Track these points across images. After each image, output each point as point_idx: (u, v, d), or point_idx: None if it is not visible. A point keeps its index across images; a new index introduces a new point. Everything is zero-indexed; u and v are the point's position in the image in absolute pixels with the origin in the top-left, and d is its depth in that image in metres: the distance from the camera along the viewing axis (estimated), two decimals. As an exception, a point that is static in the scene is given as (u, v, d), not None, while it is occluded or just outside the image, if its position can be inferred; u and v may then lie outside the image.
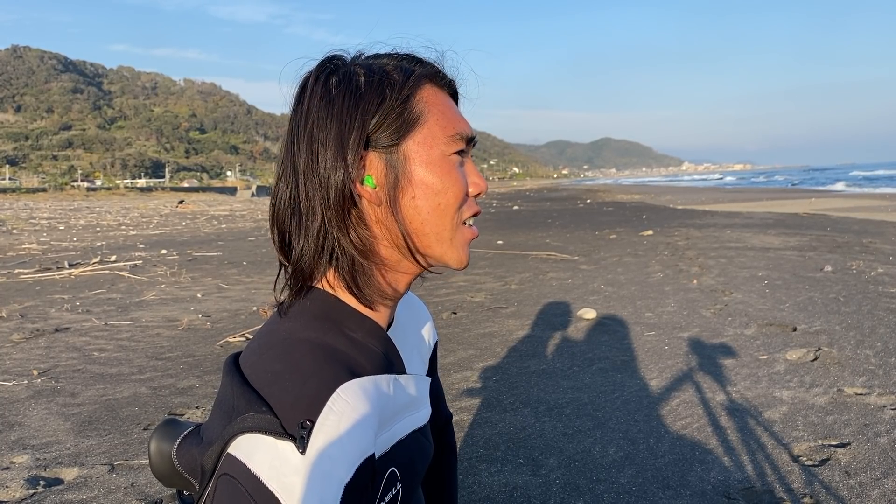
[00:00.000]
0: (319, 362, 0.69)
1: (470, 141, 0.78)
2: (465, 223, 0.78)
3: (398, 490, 0.75)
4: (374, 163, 0.73)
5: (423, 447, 0.85)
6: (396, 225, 0.73)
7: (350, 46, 0.79)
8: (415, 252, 0.75)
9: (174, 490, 0.90)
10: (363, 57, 0.77)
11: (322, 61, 0.76)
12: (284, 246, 0.78)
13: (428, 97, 0.75)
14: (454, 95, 0.81)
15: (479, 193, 0.79)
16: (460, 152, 0.76)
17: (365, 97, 0.72)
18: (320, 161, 0.72)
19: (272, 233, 0.78)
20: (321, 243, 0.74)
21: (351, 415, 0.65)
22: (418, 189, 0.73)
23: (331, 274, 0.77)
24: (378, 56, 0.77)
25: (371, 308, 0.78)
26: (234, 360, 0.75)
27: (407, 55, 0.77)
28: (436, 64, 0.78)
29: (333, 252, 0.74)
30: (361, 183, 0.73)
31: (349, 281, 0.75)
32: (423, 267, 0.78)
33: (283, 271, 0.80)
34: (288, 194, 0.75)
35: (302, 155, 0.73)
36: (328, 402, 0.64)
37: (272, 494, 0.61)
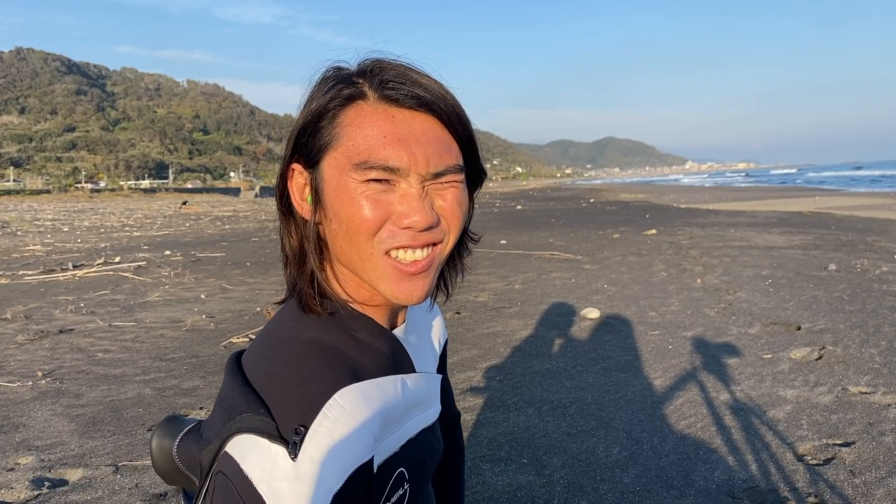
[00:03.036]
0: (320, 364, 0.68)
1: (396, 171, 0.68)
2: (394, 255, 0.71)
3: (406, 490, 0.75)
4: (307, 179, 0.74)
5: (433, 445, 0.85)
6: (309, 244, 0.76)
7: (359, 48, 0.76)
8: (338, 271, 0.77)
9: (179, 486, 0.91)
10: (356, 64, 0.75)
11: (328, 67, 0.75)
12: None
13: (354, 117, 0.69)
14: (437, 113, 0.71)
15: (410, 227, 0.69)
16: (382, 180, 0.68)
17: (312, 109, 0.71)
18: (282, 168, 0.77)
19: None
20: (282, 242, 0.80)
21: (347, 421, 0.65)
22: (330, 212, 0.71)
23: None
24: (357, 65, 0.73)
25: (321, 311, 0.77)
26: (237, 358, 0.76)
27: (370, 66, 0.72)
28: (390, 75, 0.70)
29: (285, 255, 0.79)
30: (302, 198, 0.75)
31: (293, 286, 0.78)
32: (342, 288, 0.77)
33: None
34: None
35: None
36: (323, 408, 0.64)
37: (261, 497, 0.61)
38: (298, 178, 0.75)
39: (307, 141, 0.71)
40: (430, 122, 0.71)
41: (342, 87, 0.70)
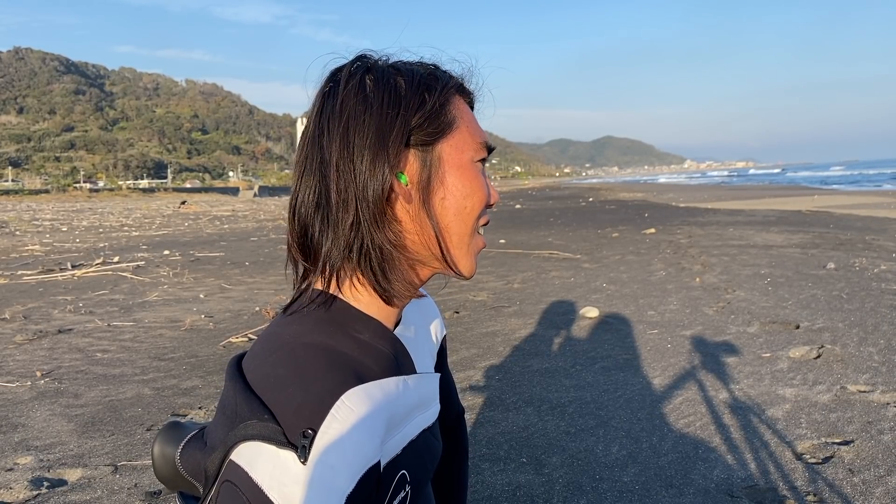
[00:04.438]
0: (324, 367, 0.68)
1: (490, 151, 0.80)
2: (479, 232, 0.80)
3: (407, 492, 0.75)
4: (410, 160, 0.73)
5: (432, 446, 0.84)
6: (430, 223, 0.74)
7: (360, 47, 0.79)
8: (444, 250, 0.76)
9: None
10: (392, 61, 0.78)
11: (354, 59, 0.76)
12: (304, 241, 0.76)
13: (458, 104, 0.78)
14: (471, 108, 0.84)
15: (494, 204, 0.80)
16: (482, 161, 0.79)
17: (406, 97, 0.73)
18: (356, 156, 0.70)
19: (291, 227, 0.76)
20: (352, 238, 0.72)
21: (355, 423, 0.64)
22: (448, 190, 0.74)
23: (342, 275, 0.75)
24: (408, 63, 0.78)
25: (390, 304, 0.77)
26: (238, 362, 0.75)
27: (435, 65, 0.79)
28: (463, 77, 0.81)
29: (363, 247, 0.72)
30: (397, 179, 0.73)
31: (379, 275, 0.74)
32: (449, 266, 0.78)
33: (298, 269, 0.78)
34: (314, 189, 0.73)
35: (335, 149, 0.71)
36: (331, 410, 0.64)
37: None
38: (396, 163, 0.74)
39: (425, 123, 0.73)
40: None
41: (445, 79, 0.77)
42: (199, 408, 3.45)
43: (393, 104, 0.72)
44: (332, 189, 0.72)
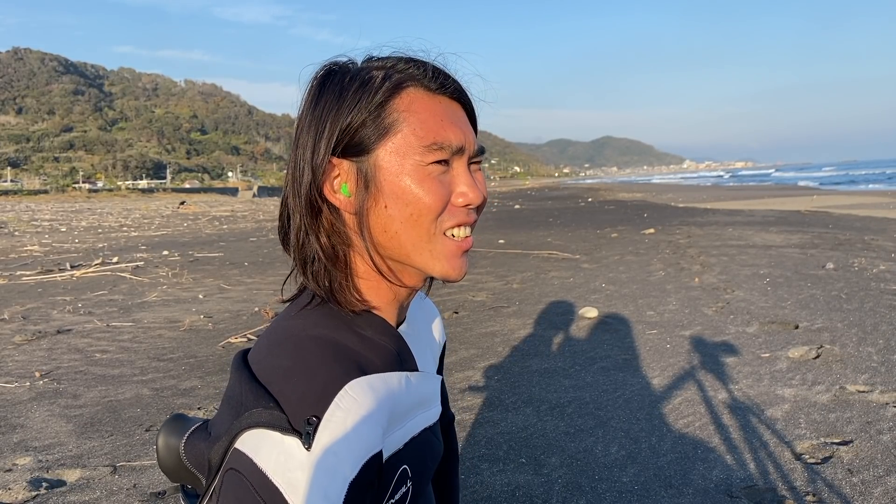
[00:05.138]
0: (328, 359, 0.69)
1: (458, 151, 0.74)
2: (450, 234, 0.74)
3: (408, 487, 0.76)
4: (348, 171, 0.73)
5: (434, 445, 0.85)
6: (367, 233, 0.74)
7: (357, 48, 0.79)
8: (378, 261, 0.75)
9: (178, 485, 0.91)
10: (367, 60, 0.77)
11: (324, 65, 0.76)
12: (284, 243, 0.80)
13: (409, 103, 0.72)
14: (463, 101, 0.78)
15: (469, 205, 0.75)
16: (443, 161, 0.72)
17: (345, 102, 0.71)
18: (298, 164, 0.74)
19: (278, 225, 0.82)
20: (301, 245, 0.76)
21: (358, 411, 0.65)
22: (389, 199, 0.72)
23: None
24: (378, 59, 0.76)
25: (366, 308, 0.78)
26: (244, 355, 0.76)
27: (402, 58, 0.75)
28: (429, 67, 0.75)
29: (311, 255, 0.76)
30: (334, 190, 0.74)
31: (325, 285, 0.76)
32: (383, 276, 0.76)
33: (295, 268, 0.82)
34: (284, 193, 0.78)
35: (291, 159, 0.76)
36: (335, 399, 0.65)
37: (277, 489, 0.61)
38: (333, 172, 0.73)
39: (357, 130, 0.71)
40: (462, 110, 0.77)
41: (388, 77, 0.72)
42: (199, 408, 3.45)
43: (331, 111, 0.72)
44: (289, 196, 0.76)
